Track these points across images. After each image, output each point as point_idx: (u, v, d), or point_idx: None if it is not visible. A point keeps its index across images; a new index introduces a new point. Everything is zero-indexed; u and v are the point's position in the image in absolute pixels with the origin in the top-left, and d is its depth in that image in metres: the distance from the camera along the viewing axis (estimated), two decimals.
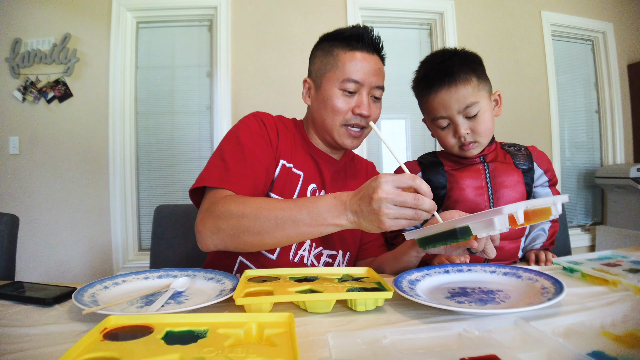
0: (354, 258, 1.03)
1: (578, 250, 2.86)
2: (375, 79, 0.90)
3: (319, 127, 0.95)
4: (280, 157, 0.91)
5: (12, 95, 2.43)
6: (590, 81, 3.12)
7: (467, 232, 0.60)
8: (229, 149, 0.86)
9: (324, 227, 0.70)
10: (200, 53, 2.62)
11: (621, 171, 2.74)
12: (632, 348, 0.42)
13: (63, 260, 2.44)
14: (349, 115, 0.90)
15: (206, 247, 0.77)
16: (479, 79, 0.93)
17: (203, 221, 0.76)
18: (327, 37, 0.95)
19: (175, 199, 2.57)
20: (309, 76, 0.98)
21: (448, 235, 0.61)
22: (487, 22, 2.80)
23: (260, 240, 0.73)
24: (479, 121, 0.92)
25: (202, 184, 0.82)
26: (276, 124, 0.94)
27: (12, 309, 0.62)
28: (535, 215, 0.63)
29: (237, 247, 0.77)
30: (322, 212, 0.69)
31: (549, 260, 0.90)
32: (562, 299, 0.57)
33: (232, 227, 0.73)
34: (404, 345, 0.43)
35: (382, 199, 0.62)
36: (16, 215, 1.09)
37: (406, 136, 2.81)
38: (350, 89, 0.89)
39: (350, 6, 2.60)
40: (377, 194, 0.63)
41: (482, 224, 0.58)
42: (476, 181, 0.98)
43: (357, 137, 0.93)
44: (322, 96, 0.92)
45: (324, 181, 0.96)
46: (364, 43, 0.90)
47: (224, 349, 0.41)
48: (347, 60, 0.89)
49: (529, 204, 0.61)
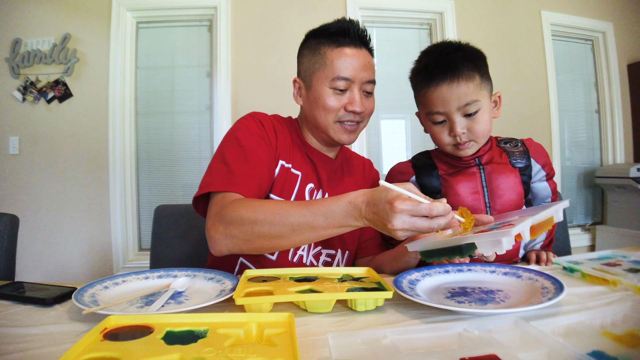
0: (352, 256, 1.03)
1: (578, 250, 2.86)
2: (365, 74, 0.89)
3: (313, 126, 0.94)
4: (279, 157, 0.90)
5: (12, 95, 2.43)
6: (590, 81, 3.12)
7: (472, 248, 0.59)
8: (230, 151, 0.85)
9: (342, 229, 0.70)
10: (200, 53, 2.61)
11: (621, 171, 2.74)
12: (632, 348, 0.42)
13: (63, 260, 2.44)
14: (341, 112, 0.90)
15: (220, 252, 0.76)
16: (481, 77, 0.89)
17: (214, 226, 0.75)
18: (313, 34, 0.94)
19: (175, 199, 2.57)
20: (299, 76, 0.96)
21: (454, 251, 0.60)
22: (487, 22, 2.80)
23: (277, 244, 0.73)
24: (476, 121, 0.89)
25: (207, 190, 0.80)
26: (273, 123, 0.93)
27: (12, 309, 0.62)
28: (539, 227, 0.63)
29: (251, 250, 0.77)
30: (338, 216, 0.68)
31: (550, 260, 0.90)
32: (562, 299, 0.57)
33: (245, 233, 0.73)
34: (404, 345, 0.43)
35: (396, 229, 0.60)
36: (16, 215, 1.09)
37: (406, 136, 2.81)
38: (341, 86, 0.88)
39: (350, 6, 2.60)
40: (395, 220, 0.60)
41: (489, 243, 0.57)
42: (471, 186, 0.95)
43: (353, 131, 0.93)
44: (313, 96, 0.91)
45: (320, 181, 0.96)
46: (351, 38, 0.89)
47: (224, 349, 0.41)
48: (335, 58, 0.87)
49: (534, 220, 0.60)
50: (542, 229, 0.63)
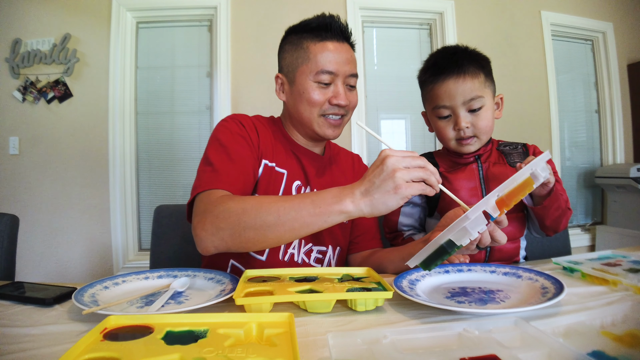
0: (344, 253, 1.02)
1: (578, 250, 2.86)
2: (348, 67, 0.90)
3: (297, 121, 0.94)
4: (262, 156, 0.90)
5: (12, 95, 2.43)
6: (590, 81, 3.12)
7: (453, 244, 0.59)
8: (213, 153, 0.85)
9: (328, 216, 0.66)
10: (200, 53, 2.61)
11: (621, 171, 2.74)
12: (632, 348, 0.42)
13: (63, 261, 2.44)
14: (326, 105, 0.90)
15: (206, 250, 0.74)
16: (486, 76, 0.94)
17: (201, 223, 0.73)
18: (294, 29, 0.94)
19: (175, 199, 2.57)
20: (280, 72, 0.96)
21: (441, 253, 0.60)
22: (487, 22, 2.80)
23: (262, 236, 0.69)
24: (480, 117, 0.92)
25: (195, 192, 0.80)
26: (254, 123, 0.93)
27: (12, 309, 0.62)
28: (514, 195, 0.59)
29: (238, 246, 0.72)
30: (326, 198, 0.66)
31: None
32: (562, 299, 0.57)
33: (232, 225, 0.70)
34: (404, 345, 0.43)
35: (393, 162, 0.61)
36: (16, 215, 1.09)
37: (406, 136, 2.81)
38: (325, 80, 0.88)
39: (350, 6, 2.60)
40: (388, 159, 0.62)
41: (459, 234, 0.57)
42: (470, 182, 0.98)
43: (337, 125, 0.93)
44: (297, 90, 0.90)
45: (307, 177, 0.95)
46: (334, 32, 0.89)
47: (224, 349, 0.41)
48: (318, 52, 0.88)
49: (500, 191, 0.58)
50: (519, 194, 0.60)
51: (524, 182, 0.60)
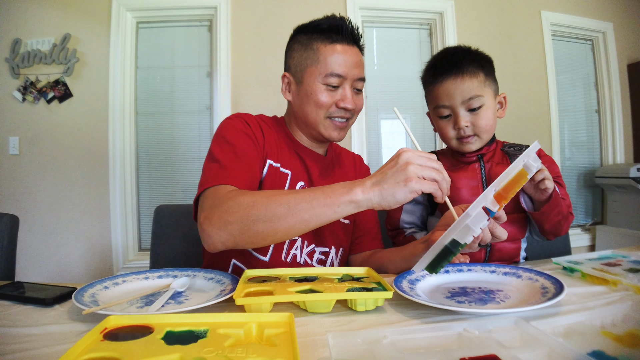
0: (347, 254, 1.02)
1: (578, 250, 2.86)
2: (357, 71, 0.90)
3: (303, 122, 0.94)
4: (267, 156, 0.90)
5: (12, 95, 2.43)
6: (590, 81, 3.12)
7: (457, 243, 0.59)
8: (219, 150, 0.85)
9: (338, 206, 0.66)
10: (200, 53, 2.61)
11: (621, 171, 2.74)
12: (632, 348, 0.42)
13: (63, 261, 2.44)
14: (332, 108, 0.90)
15: (213, 246, 0.72)
16: (486, 76, 0.94)
17: (208, 218, 0.72)
18: (304, 29, 0.93)
19: (175, 199, 2.57)
20: (288, 71, 0.95)
21: (445, 254, 0.60)
22: (487, 22, 2.80)
23: (272, 228, 0.68)
24: (480, 116, 0.92)
25: (203, 188, 0.79)
26: (259, 123, 0.93)
27: (12, 309, 0.62)
28: (510, 188, 0.60)
29: (247, 240, 0.71)
30: (337, 189, 0.67)
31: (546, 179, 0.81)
32: (562, 299, 0.57)
33: (242, 218, 0.69)
34: (404, 345, 0.43)
35: (409, 156, 0.63)
36: (16, 215, 1.09)
37: (406, 136, 2.81)
38: (333, 83, 0.88)
39: (350, 6, 2.60)
40: (404, 153, 0.64)
41: (462, 232, 0.58)
42: (472, 181, 0.98)
43: (343, 128, 0.93)
44: (304, 91, 0.90)
45: (311, 178, 0.96)
46: (344, 35, 0.89)
47: (224, 349, 0.41)
48: (328, 54, 0.88)
49: (496, 186, 0.59)
50: (515, 187, 0.60)
51: (518, 174, 0.61)
